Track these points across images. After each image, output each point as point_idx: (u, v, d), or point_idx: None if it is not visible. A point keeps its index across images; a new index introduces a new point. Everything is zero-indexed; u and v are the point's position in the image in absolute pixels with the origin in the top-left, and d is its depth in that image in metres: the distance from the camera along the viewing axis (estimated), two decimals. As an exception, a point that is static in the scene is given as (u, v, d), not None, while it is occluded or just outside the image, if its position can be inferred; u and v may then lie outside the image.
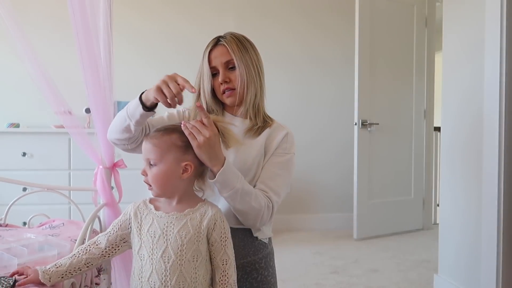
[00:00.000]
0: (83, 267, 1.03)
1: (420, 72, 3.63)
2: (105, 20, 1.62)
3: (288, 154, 1.20)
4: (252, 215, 1.09)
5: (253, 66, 1.17)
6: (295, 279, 2.52)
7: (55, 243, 1.43)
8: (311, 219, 3.71)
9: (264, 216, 1.11)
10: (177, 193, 1.02)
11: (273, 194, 1.14)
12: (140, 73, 3.46)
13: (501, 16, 1.86)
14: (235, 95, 1.17)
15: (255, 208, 1.08)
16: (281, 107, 3.63)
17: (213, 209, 1.03)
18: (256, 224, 1.13)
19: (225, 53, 1.16)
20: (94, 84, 1.57)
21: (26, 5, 3.24)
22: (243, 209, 1.08)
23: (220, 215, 1.03)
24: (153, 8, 3.50)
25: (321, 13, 3.72)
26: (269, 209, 1.12)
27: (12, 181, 1.70)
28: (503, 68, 1.87)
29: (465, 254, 2.12)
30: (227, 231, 1.02)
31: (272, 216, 1.15)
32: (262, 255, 1.17)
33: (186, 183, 1.02)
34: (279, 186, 1.15)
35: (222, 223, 1.02)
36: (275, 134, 1.19)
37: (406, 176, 3.62)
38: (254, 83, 1.17)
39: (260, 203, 1.09)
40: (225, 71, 1.16)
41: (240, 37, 1.19)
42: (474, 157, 2.05)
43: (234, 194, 1.04)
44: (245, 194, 1.06)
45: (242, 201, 1.06)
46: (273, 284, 1.20)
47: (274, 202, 1.14)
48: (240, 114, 1.22)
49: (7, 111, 3.24)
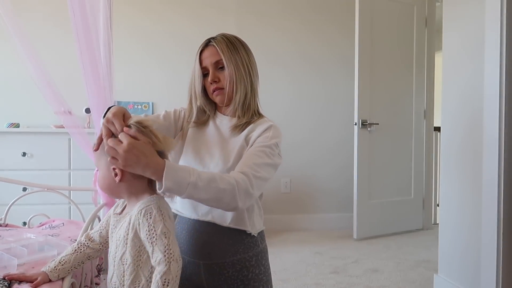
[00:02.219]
0: (85, 261, 1.13)
1: (420, 72, 3.63)
2: (105, 20, 1.62)
3: (269, 142, 1.12)
4: (227, 197, 0.99)
5: (243, 66, 1.17)
6: (295, 279, 2.52)
7: (55, 243, 1.43)
8: (311, 219, 3.71)
9: (242, 192, 1.00)
10: (124, 194, 1.03)
11: (248, 169, 1.04)
12: (140, 73, 3.47)
13: (501, 16, 1.86)
14: (223, 94, 1.18)
15: (226, 190, 0.98)
16: (281, 107, 3.64)
17: (142, 205, 0.97)
18: (237, 204, 1.01)
19: (214, 53, 1.17)
20: (94, 84, 1.57)
21: (26, 5, 3.24)
22: (213, 196, 0.98)
23: (150, 210, 0.95)
24: (153, 8, 3.50)
25: (319, 13, 3.72)
26: (245, 182, 1.01)
27: (12, 181, 1.71)
28: (503, 68, 1.87)
29: (465, 254, 2.12)
30: (157, 227, 0.94)
31: (253, 190, 1.03)
32: (253, 253, 1.17)
33: (128, 184, 1.00)
34: (256, 164, 1.07)
35: (150, 219, 0.95)
36: (258, 126, 1.17)
37: (406, 176, 3.62)
38: (243, 83, 1.17)
39: (229, 181, 0.99)
40: (215, 71, 1.18)
41: (231, 37, 1.20)
42: (474, 157, 2.05)
43: (193, 189, 0.95)
44: (207, 182, 0.97)
45: (208, 190, 0.97)
46: (266, 282, 1.20)
47: (250, 174, 1.03)
48: (229, 113, 1.23)
49: (7, 111, 3.25)
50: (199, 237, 1.15)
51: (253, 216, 1.17)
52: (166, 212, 0.98)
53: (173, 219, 1.01)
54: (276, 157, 1.14)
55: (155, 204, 0.97)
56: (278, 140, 1.15)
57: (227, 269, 1.13)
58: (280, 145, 1.17)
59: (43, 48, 2.94)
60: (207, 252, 1.14)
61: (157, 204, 0.97)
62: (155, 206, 0.97)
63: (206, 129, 1.23)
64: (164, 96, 3.45)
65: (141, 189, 1.02)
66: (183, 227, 1.19)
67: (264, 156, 1.10)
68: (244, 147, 1.15)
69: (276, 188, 3.65)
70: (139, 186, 1.02)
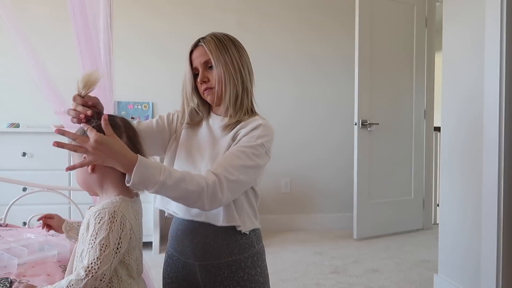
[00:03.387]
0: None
1: (420, 72, 3.63)
2: (105, 20, 1.62)
3: (253, 142, 1.09)
4: (193, 198, 0.99)
5: (232, 65, 1.16)
6: (295, 279, 2.52)
7: (55, 243, 1.43)
8: (311, 219, 3.71)
9: (209, 195, 0.99)
10: (97, 188, 1.02)
11: (222, 170, 1.03)
12: (140, 73, 3.47)
13: (501, 16, 1.86)
14: (213, 94, 1.18)
15: (194, 192, 0.98)
16: (282, 107, 3.64)
17: (100, 206, 0.95)
18: (204, 206, 1.01)
19: (203, 53, 1.17)
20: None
21: (26, 5, 3.24)
22: (180, 195, 0.99)
23: (102, 215, 0.92)
24: (154, 7, 3.50)
25: (321, 12, 3.72)
26: (215, 186, 1.00)
27: (12, 181, 1.71)
28: (503, 68, 1.87)
29: (465, 254, 2.12)
30: (99, 235, 0.90)
31: (222, 194, 1.01)
32: (248, 254, 1.16)
33: (100, 176, 0.99)
34: (232, 166, 1.04)
35: (98, 224, 0.91)
36: (248, 125, 1.15)
37: (406, 176, 3.62)
38: (233, 82, 1.16)
39: (199, 182, 0.98)
40: (204, 71, 1.18)
41: (221, 36, 1.19)
42: (474, 157, 2.05)
43: (160, 187, 0.95)
44: (176, 182, 0.96)
45: (176, 189, 0.97)
46: (262, 284, 1.19)
47: (222, 177, 1.01)
48: (221, 113, 1.22)
49: (7, 111, 3.25)
50: (193, 238, 1.14)
51: (243, 215, 1.15)
52: (121, 220, 0.93)
53: (135, 226, 0.97)
54: (261, 158, 1.10)
55: (111, 208, 0.93)
56: (265, 140, 1.12)
57: (223, 270, 1.13)
58: (268, 144, 1.13)
59: (43, 48, 2.94)
60: (202, 253, 1.13)
61: (113, 209, 0.93)
62: (110, 211, 0.92)
63: (199, 129, 1.22)
64: (164, 96, 3.45)
65: (112, 182, 1.00)
66: (178, 228, 1.18)
67: (244, 158, 1.07)
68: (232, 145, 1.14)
69: (276, 188, 3.65)
70: (111, 178, 1.00)
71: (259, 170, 1.12)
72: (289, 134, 3.65)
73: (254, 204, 1.19)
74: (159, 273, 1.26)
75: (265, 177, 1.22)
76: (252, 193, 1.18)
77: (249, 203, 1.17)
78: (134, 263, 0.99)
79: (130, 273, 0.99)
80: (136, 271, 1.02)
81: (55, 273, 1.28)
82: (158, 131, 1.23)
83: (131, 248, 0.97)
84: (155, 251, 2.99)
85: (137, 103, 3.46)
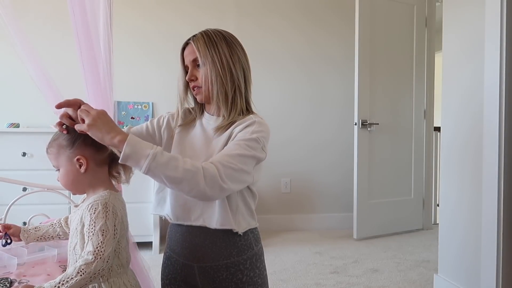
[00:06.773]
0: (55, 237, 1.25)
1: (420, 72, 3.63)
2: (105, 20, 1.62)
3: (248, 136, 1.06)
4: (188, 178, 0.94)
5: (221, 62, 1.12)
6: (295, 279, 2.52)
7: (55, 243, 1.43)
8: (311, 219, 3.71)
9: (208, 177, 0.95)
10: (87, 187, 1.08)
11: (217, 159, 1.01)
12: (140, 73, 3.47)
13: (501, 16, 1.86)
14: (201, 92, 1.16)
15: (189, 171, 0.94)
16: (281, 107, 3.64)
17: (91, 200, 1.01)
18: (203, 189, 0.95)
19: (192, 51, 1.15)
20: (94, 84, 1.56)
21: (26, 5, 3.24)
22: (174, 175, 0.93)
23: (95, 206, 0.99)
24: (154, 8, 3.50)
25: (320, 13, 3.72)
26: (213, 169, 0.96)
27: (12, 181, 1.70)
28: (503, 68, 1.87)
29: (465, 254, 2.12)
30: (98, 223, 0.97)
31: (222, 180, 0.97)
32: (247, 256, 1.15)
33: (91, 175, 1.06)
34: (228, 155, 1.02)
35: (94, 214, 0.98)
36: (242, 122, 1.12)
37: (406, 176, 3.62)
38: (221, 80, 1.12)
39: (194, 164, 0.95)
40: (193, 69, 1.16)
41: (212, 33, 1.15)
42: (474, 157, 2.05)
43: (152, 162, 0.91)
44: (168, 159, 0.93)
45: (169, 166, 0.93)
46: (261, 285, 1.17)
47: (217, 163, 0.98)
48: (213, 112, 1.19)
49: (7, 111, 3.25)
50: (192, 240, 1.13)
51: (238, 215, 1.12)
52: (113, 209, 1.01)
53: (123, 216, 1.05)
54: (257, 151, 1.07)
55: (103, 200, 1.01)
56: (261, 135, 1.08)
57: (221, 272, 1.12)
58: (264, 140, 1.09)
59: (43, 48, 2.94)
60: (200, 255, 1.13)
61: (104, 201, 1.01)
62: (102, 202, 1.00)
63: (192, 130, 1.20)
64: (164, 96, 3.44)
65: (101, 179, 1.07)
66: (177, 230, 1.17)
67: (240, 149, 1.04)
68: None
69: (276, 188, 3.65)
70: (100, 176, 1.07)
71: (256, 161, 1.08)
72: (289, 134, 3.65)
73: (250, 205, 1.16)
74: (159, 273, 1.26)
75: (265, 177, 1.22)
76: (248, 193, 1.15)
77: (245, 203, 1.15)
78: (123, 251, 1.07)
79: (121, 261, 1.06)
80: (126, 260, 1.08)
81: (55, 273, 1.28)
82: (148, 135, 1.22)
83: (120, 237, 1.03)
84: (155, 251, 2.99)
85: (137, 103, 3.46)
